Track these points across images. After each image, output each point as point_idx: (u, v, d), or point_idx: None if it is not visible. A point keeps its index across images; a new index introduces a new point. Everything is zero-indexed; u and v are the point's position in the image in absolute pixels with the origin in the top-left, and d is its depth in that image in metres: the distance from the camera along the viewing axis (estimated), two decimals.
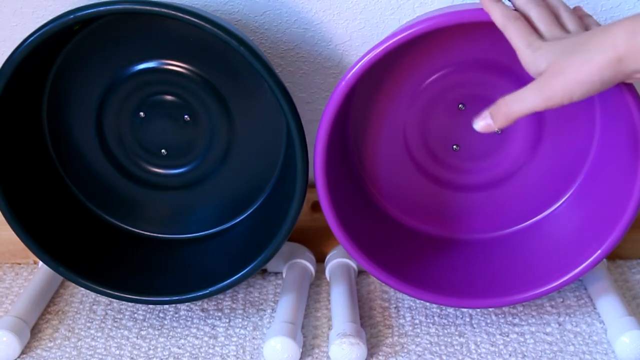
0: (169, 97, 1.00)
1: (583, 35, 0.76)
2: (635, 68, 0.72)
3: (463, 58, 0.96)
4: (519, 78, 0.96)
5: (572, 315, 0.99)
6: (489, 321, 0.98)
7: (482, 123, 0.80)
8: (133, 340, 0.96)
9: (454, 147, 1.00)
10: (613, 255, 1.10)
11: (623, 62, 0.71)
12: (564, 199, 1.01)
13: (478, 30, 0.93)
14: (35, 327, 0.98)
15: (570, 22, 0.81)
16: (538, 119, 0.98)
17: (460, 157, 1.01)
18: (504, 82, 0.96)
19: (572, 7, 0.84)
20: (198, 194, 1.04)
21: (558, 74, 0.74)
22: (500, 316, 0.99)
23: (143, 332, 0.97)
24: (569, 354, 0.92)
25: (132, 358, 0.93)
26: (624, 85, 0.85)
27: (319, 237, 1.09)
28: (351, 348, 0.90)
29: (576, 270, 0.93)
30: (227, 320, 0.99)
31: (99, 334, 0.97)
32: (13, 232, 0.95)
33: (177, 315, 1.00)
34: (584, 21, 0.82)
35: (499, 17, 0.81)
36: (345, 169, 1.00)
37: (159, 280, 1.00)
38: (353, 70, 0.87)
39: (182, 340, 0.96)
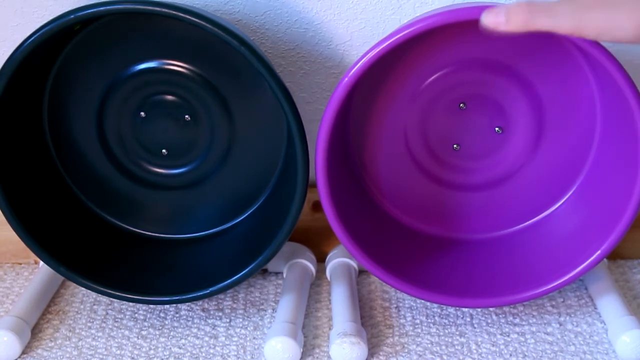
0: (169, 97, 1.00)
1: None
2: None
3: (464, 57, 0.96)
4: (519, 77, 0.96)
5: (572, 315, 0.99)
6: (489, 321, 0.98)
7: (492, 19, 0.69)
8: (134, 340, 0.96)
9: (455, 146, 1.00)
10: (614, 255, 1.09)
11: None
12: (564, 199, 1.01)
13: (478, 29, 0.93)
14: (36, 327, 0.98)
15: None
16: (538, 119, 0.98)
17: (461, 156, 1.01)
18: (504, 81, 0.96)
19: None
20: (199, 193, 1.04)
21: (604, 6, 0.64)
22: (501, 316, 0.99)
23: (144, 332, 0.97)
24: (569, 354, 0.92)
25: (132, 358, 0.93)
26: (625, 85, 0.85)
27: (320, 237, 1.09)
28: (352, 348, 0.90)
29: (577, 270, 0.93)
30: (228, 320, 0.99)
31: (100, 334, 0.97)
32: (14, 232, 0.95)
33: (177, 315, 1.00)
34: None
35: (548, 22, 0.68)
36: (345, 169, 1.00)
37: (160, 280, 1.00)
38: (353, 70, 0.87)
39: (183, 340, 0.96)
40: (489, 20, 0.69)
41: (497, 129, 0.99)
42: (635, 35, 0.64)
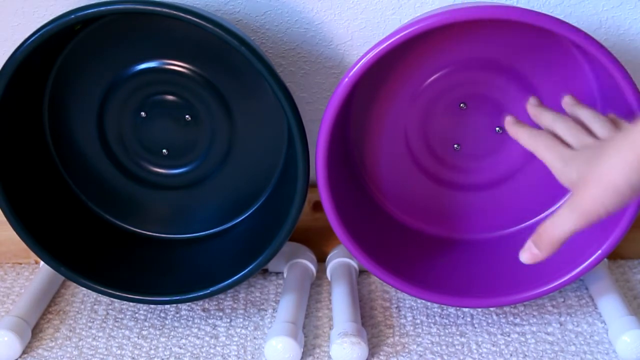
0: (170, 97, 1.00)
1: (604, 143, 0.73)
2: None
3: (464, 57, 0.96)
4: (520, 77, 0.96)
5: (573, 315, 0.99)
6: (490, 321, 0.98)
7: (528, 255, 0.76)
8: (134, 340, 0.96)
9: (455, 146, 1.00)
10: (614, 255, 1.09)
11: None
12: (565, 198, 1.01)
13: (479, 29, 0.93)
14: (36, 327, 0.98)
15: (601, 129, 0.79)
16: None
17: (461, 156, 1.01)
18: (504, 81, 0.96)
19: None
20: (199, 193, 1.04)
21: (586, 188, 0.70)
22: (501, 316, 0.99)
23: (144, 332, 0.97)
24: (570, 354, 0.92)
25: (133, 358, 0.93)
26: (625, 85, 0.85)
27: (320, 236, 1.09)
28: (352, 347, 0.90)
29: (577, 270, 0.93)
30: (229, 320, 0.99)
31: (100, 334, 0.97)
32: (14, 232, 0.95)
33: (178, 315, 1.00)
34: (618, 126, 0.80)
35: (527, 138, 0.80)
36: (346, 169, 1.00)
37: (160, 280, 1.00)
38: (354, 70, 0.87)
39: (184, 340, 0.96)
40: (526, 258, 0.77)
41: (497, 128, 0.99)
42: (631, 187, 0.68)
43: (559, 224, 0.73)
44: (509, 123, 0.86)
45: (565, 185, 0.76)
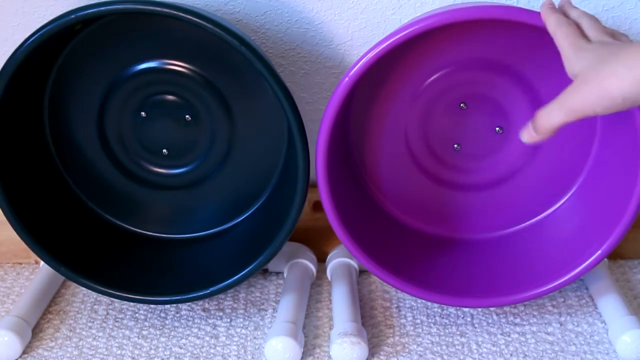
0: (170, 97, 1.00)
1: (622, 44, 0.73)
2: None
3: (464, 57, 0.96)
4: (519, 77, 0.96)
5: (573, 315, 0.99)
6: (490, 321, 0.98)
7: (527, 136, 0.78)
8: (134, 340, 0.96)
9: (455, 146, 1.00)
10: (614, 255, 1.09)
11: None
12: (565, 199, 1.01)
13: (479, 29, 0.93)
14: (36, 326, 0.98)
15: (619, 35, 0.79)
16: None
17: (462, 156, 1.01)
18: (504, 80, 0.96)
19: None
20: (199, 193, 1.04)
21: (584, 85, 0.71)
22: (501, 316, 0.99)
23: (144, 332, 0.97)
24: (570, 354, 0.92)
25: (133, 358, 0.93)
26: None
27: (320, 236, 1.09)
28: (352, 347, 0.90)
29: (577, 270, 0.93)
30: (229, 320, 0.99)
31: (101, 334, 0.97)
32: (14, 232, 0.95)
33: (178, 315, 1.00)
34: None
35: (552, 23, 0.79)
36: (346, 169, 1.00)
37: (161, 280, 1.00)
38: (354, 70, 0.87)
39: (184, 340, 0.96)
40: (524, 138, 0.78)
41: (497, 128, 0.99)
42: (624, 99, 0.69)
43: (549, 116, 0.75)
44: (545, 6, 0.83)
45: (567, 72, 0.75)
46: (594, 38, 0.77)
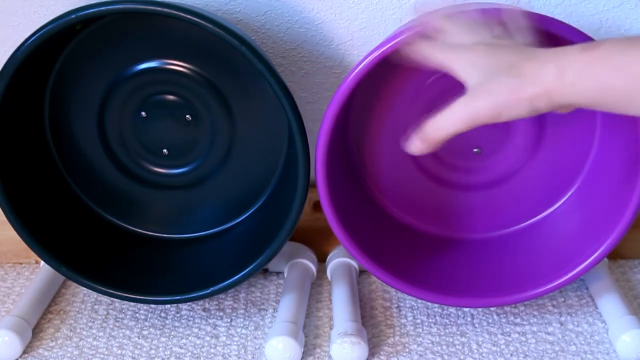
0: (170, 97, 1.00)
1: (515, 54, 0.73)
2: (564, 103, 0.70)
3: None
4: None
5: (573, 315, 0.99)
6: (490, 321, 0.98)
7: (414, 148, 0.78)
8: (135, 339, 0.96)
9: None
10: (614, 255, 1.09)
11: (552, 96, 0.69)
12: (565, 198, 1.01)
13: None
14: (37, 326, 0.98)
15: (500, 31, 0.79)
16: (539, 119, 0.98)
17: (462, 156, 1.00)
18: None
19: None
20: (199, 193, 1.04)
21: (487, 94, 0.72)
22: (501, 316, 0.99)
23: (145, 332, 0.97)
24: (570, 354, 0.92)
25: (133, 358, 0.93)
26: None
27: (321, 236, 1.09)
28: (352, 347, 0.90)
29: (577, 270, 0.93)
30: (229, 320, 0.99)
31: (101, 334, 0.97)
32: (15, 232, 0.95)
33: (178, 315, 1.00)
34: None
35: (433, 56, 0.78)
36: (346, 169, 1.00)
37: (161, 280, 1.00)
38: (356, 71, 0.87)
39: (184, 340, 0.96)
40: (411, 150, 0.78)
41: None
42: (531, 110, 0.71)
43: (443, 125, 0.75)
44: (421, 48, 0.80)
45: (463, 81, 0.75)
46: (473, 38, 0.77)
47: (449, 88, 0.97)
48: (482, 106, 0.72)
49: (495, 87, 0.71)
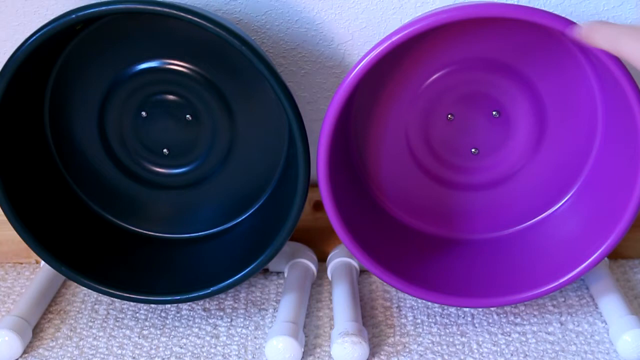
0: (171, 97, 1.00)
1: None
2: None
3: (465, 57, 0.96)
4: (521, 77, 0.96)
5: (574, 315, 0.99)
6: (490, 321, 0.98)
7: (577, 35, 0.80)
8: (135, 339, 0.96)
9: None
10: (615, 255, 1.10)
11: None
12: (565, 198, 1.01)
13: (479, 28, 0.93)
14: (37, 326, 0.98)
15: None
16: (540, 119, 0.98)
17: (462, 156, 1.00)
18: (505, 81, 0.96)
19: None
20: (200, 193, 1.04)
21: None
22: (502, 316, 0.99)
23: (145, 332, 0.97)
24: (571, 354, 0.92)
25: (134, 357, 0.93)
26: (626, 85, 0.85)
27: (321, 236, 1.09)
28: (353, 347, 0.90)
29: (578, 270, 0.93)
30: (229, 320, 0.99)
31: (101, 334, 0.97)
32: (15, 232, 0.95)
33: (179, 315, 1.00)
34: None
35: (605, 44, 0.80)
36: (347, 169, 1.00)
37: (161, 279, 1.00)
38: (356, 69, 0.87)
39: (184, 340, 0.96)
40: (573, 33, 0.81)
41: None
42: None
43: (601, 39, 0.78)
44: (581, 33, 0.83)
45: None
46: None
47: (449, 88, 0.98)
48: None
49: None
